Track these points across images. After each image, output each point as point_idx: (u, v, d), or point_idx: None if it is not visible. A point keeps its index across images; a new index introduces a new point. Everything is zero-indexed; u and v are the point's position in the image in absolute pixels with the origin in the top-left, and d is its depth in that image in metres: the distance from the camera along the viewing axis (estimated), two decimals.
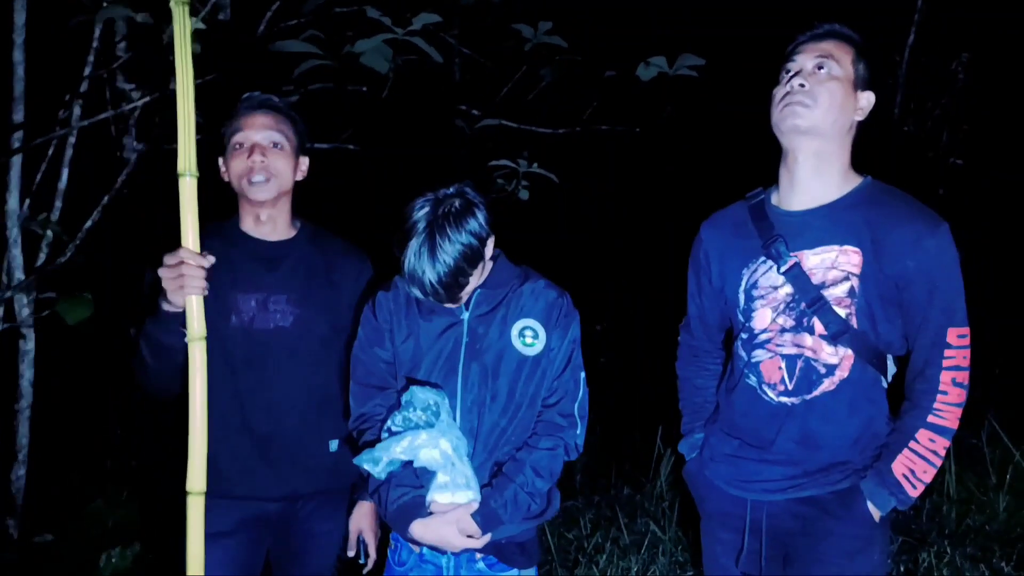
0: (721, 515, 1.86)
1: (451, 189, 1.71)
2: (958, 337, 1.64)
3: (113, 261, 3.34)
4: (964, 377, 1.64)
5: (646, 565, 3.22)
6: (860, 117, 1.72)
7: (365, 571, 2.17)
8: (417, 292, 1.70)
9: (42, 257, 3.01)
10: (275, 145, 1.89)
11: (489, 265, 1.82)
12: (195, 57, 2.60)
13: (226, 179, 1.94)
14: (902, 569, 3.15)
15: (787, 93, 1.69)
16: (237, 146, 1.89)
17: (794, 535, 1.75)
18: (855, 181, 1.73)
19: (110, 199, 2.99)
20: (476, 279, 1.74)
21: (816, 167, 1.71)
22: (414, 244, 1.66)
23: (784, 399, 1.73)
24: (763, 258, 1.76)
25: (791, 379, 1.72)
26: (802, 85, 1.67)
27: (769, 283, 1.75)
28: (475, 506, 1.73)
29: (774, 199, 1.81)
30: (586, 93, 4.52)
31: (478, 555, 1.82)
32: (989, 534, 3.43)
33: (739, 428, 1.82)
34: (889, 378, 1.74)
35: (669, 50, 3.61)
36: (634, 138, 4.52)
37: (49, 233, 2.99)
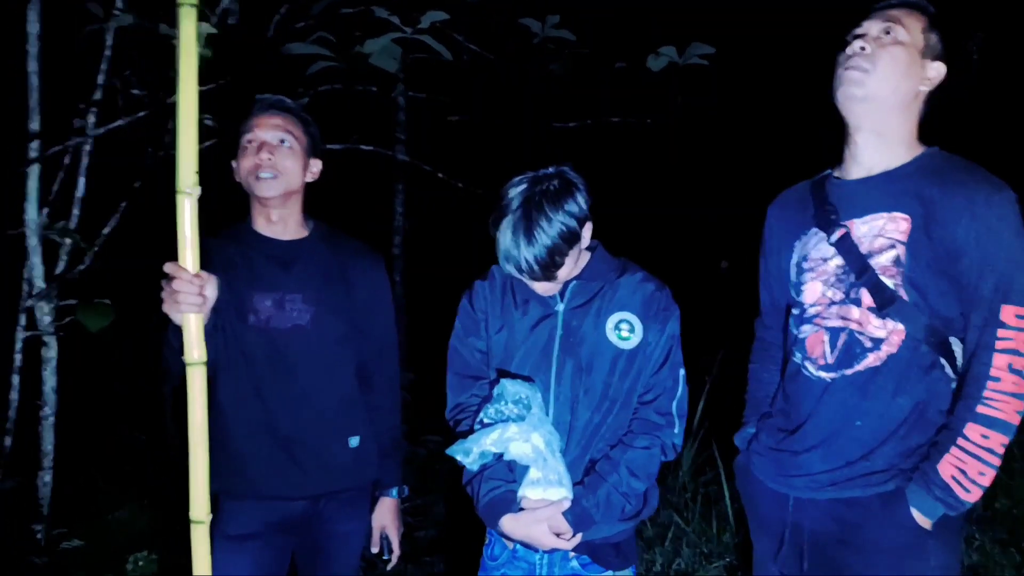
0: (764, 515, 1.78)
1: (550, 169, 1.67)
2: (1016, 317, 1.46)
3: (132, 268, 3.36)
4: (1023, 364, 1.46)
5: (670, 558, 3.21)
6: (927, 87, 1.61)
7: (389, 567, 2.18)
8: (512, 269, 1.66)
9: (61, 265, 3.04)
10: (283, 143, 1.90)
11: (586, 256, 1.79)
12: (206, 61, 2.63)
13: (238, 179, 1.94)
14: None
15: (848, 57, 1.60)
16: (247, 144, 1.90)
17: (832, 542, 1.63)
18: (917, 150, 1.63)
19: (127, 206, 3.01)
20: (572, 263, 1.69)
21: (877, 137, 1.62)
22: (510, 220, 1.62)
23: (823, 374, 1.63)
24: (814, 229, 1.69)
25: (832, 352, 1.62)
26: (863, 48, 1.58)
27: (819, 255, 1.67)
28: (567, 504, 1.68)
29: (837, 173, 1.73)
30: (596, 86, 4.51)
31: (571, 554, 1.78)
32: (1017, 518, 3.39)
33: (783, 409, 1.75)
34: (954, 360, 1.58)
35: (678, 40, 3.59)
36: (646, 129, 4.50)
37: (68, 241, 3.01)
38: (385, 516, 2.12)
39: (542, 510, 1.68)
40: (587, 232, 1.71)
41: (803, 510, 1.66)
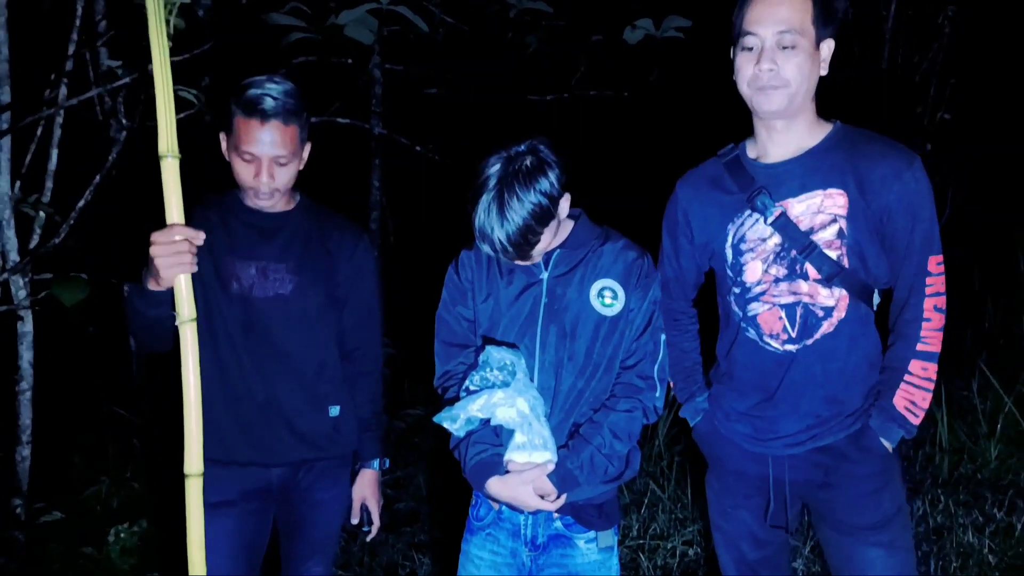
0: (741, 474, 1.87)
1: (523, 146, 1.67)
2: (936, 264, 1.69)
3: (106, 241, 3.33)
4: (943, 303, 1.71)
5: (646, 523, 3.29)
6: (824, 71, 1.72)
7: (369, 538, 2.21)
8: (487, 249, 1.69)
9: (36, 239, 3.01)
10: (281, 162, 1.85)
11: (569, 225, 1.81)
12: (180, 32, 2.60)
13: (227, 158, 1.91)
14: None
15: (756, 78, 1.68)
16: (247, 156, 1.83)
17: (814, 487, 1.79)
18: (826, 127, 1.76)
19: (101, 179, 2.97)
20: (549, 237, 1.71)
21: (789, 123, 1.74)
22: (484, 201, 1.64)
23: (789, 347, 1.76)
24: (748, 211, 1.77)
25: (793, 327, 1.74)
26: (771, 69, 1.66)
27: (757, 235, 1.76)
28: (551, 467, 1.72)
29: (751, 153, 1.82)
30: (573, 58, 4.50)
31: (555, 515, 1.81)
32: (980, 481, 3.51)
33: (744, 381, 1.84)
34: (875, 308, 1.79)
35: (655, 12, 3.60)
36: (622, 102, 4.51)
37: (42, 215, 2.98)
38: (365, 488, 2.14)
39: (527, 472, 1.72)
40: (564, 206, 1.73)
41: (783, 465, 1.81)
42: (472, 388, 1.72)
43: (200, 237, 1.56)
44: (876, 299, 1.77)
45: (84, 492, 3.41)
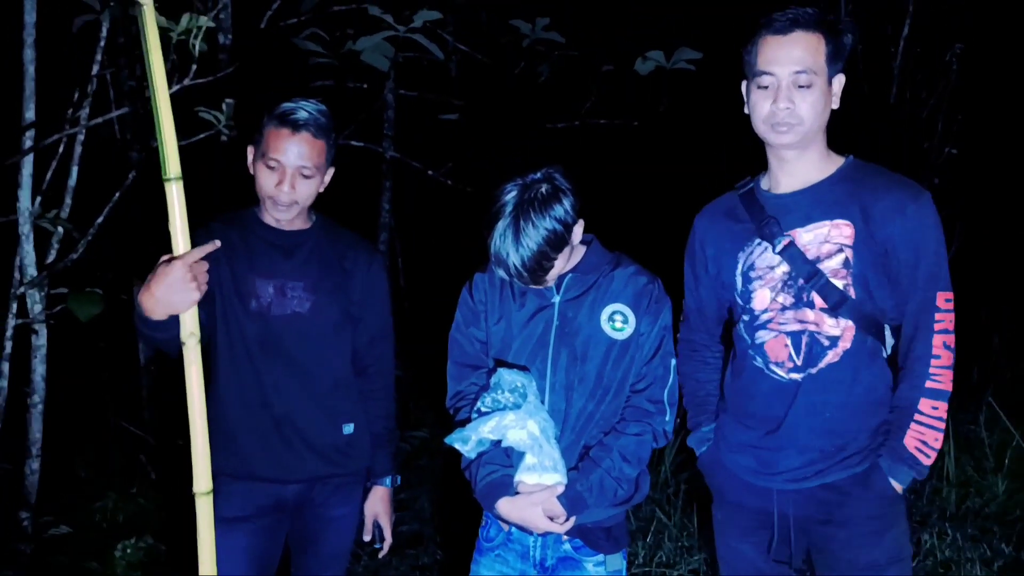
0: (743, 507, 1.88)
1: (539, 174, 1.71)
2: (945, 301, 1.69)
3: (123, 258, 3.37)
4: (952, 340, 1.70)
5: (652, 550, 3.27)
6: (836, 105, 1.75)
7: (381, 555, 2.21)
8: (502, 273, 1.73)
9: (53, 254, 3.05)
10: (306, 174, 1.89)
11: (581, 250, 1.85)
12: (201, 55, 2.66)
13: (251, 171, 1.95)
14: None
15: (772, 114, 1.71)
16: (272, 163, 1.87)
17: (814, 523, 1.78)
18: (838, 160, 1.79)
19: (120, 196, 3.02)
20: (562, 262, 1.75)
21: (800, 154, 1.77)
22: (500, 227, 1.68)
23: (794, 375, 1.76)
24: (758, 240, 1.80)
25: (799, 355, 1.75)
26: (787, 108, 1.70)
27: (765, 264, 1.79)
28: (561, 489, 1.73)
29: (764, 184, 1.86)
30: (584, 88, 4.56)
31: (564, 537, 1.82)
32: (988, 515, 3.49)
33: (749, 412, 1.84)
34: (888, 349, 1.78)
35: (666, 44, 3.66)
36: (632, 132, 4.57)
37: (60, 230, 3.02)
38: (377, 505, 2.15)
39: (537, 494, 1.74)
40: (577, 232, 1.77)
41: (787, 500, 1.80)
42: (483, 410, 1.74)
43: (208, 250, 1.59)
44: (890, 339, 1.77)
45: (91, 506, 3.41)
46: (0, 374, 3.01)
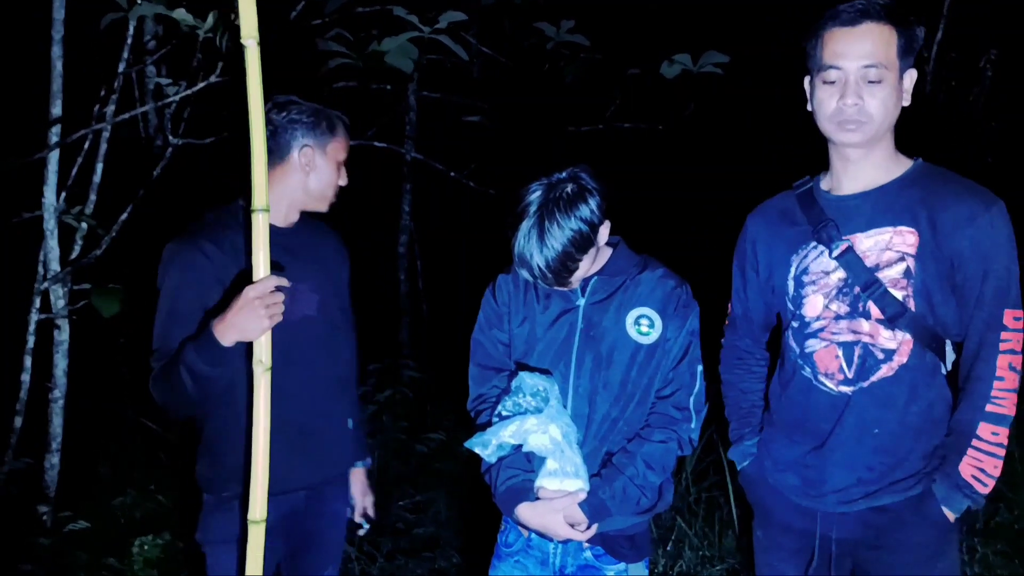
0: (787, 527, 1.80)
1: (565, 174, 1.68)
2: (1014, 319, 1.57)
3: (147, 255, 3.38)
4: (1019, 362, 1.58)
5: (672, 560, 3.23)
6: (907, 102, 1.64)
7: (361, 532, 2.22)
8: (526, 274, 1.70)
9: (77, 250, 3.07)
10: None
11: (607, 252, 1.81)
12: (226, 55, 2.66)
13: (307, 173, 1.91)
14: None
15: (839, 111, 1.61)
16: (338, 163, 1.94)
17: (862, 547, 1.70)
18: (906, 163, 1.68)
19: (145, 193, 3.03)
20: (588, 264, 1.71)
21: (866, 153, 1.66)
22: (524, 227, 1.65)
23: (843, 388, 1.67)
24: (813, 243, 1.71)
25: (850, 367, 1.66)
26: (856, 104, 1.59)
27: (820, 268, 1.69)
28: (583, 495, 1.70)
29: (824, 185, 1.76)
30: (609, 91, 4.54)
31: (585, 545, 1.79)
32: (1019, 531, 3.40)
33: (795, 426, 1.77)
34: (949, 365, 1.67)
35: (693, 47, 3.62)
36: (658, 135, 4.54)
37: (84, 226, 3.04)
38: (357, 487, 2.16)
39: (558, 500, 1.70)
40: (604, 233, 1.73)
41: (831, 522, 1.72)
42: (505, 414, 1.71)
43: (285, 284, 1.59)
44: (951, 355, 1.66)
45: (110, 502, 3.42)
46: (23, 369, 3.03)
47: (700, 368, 1.80)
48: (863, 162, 1.67)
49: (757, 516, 1.90)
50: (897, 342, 1.62)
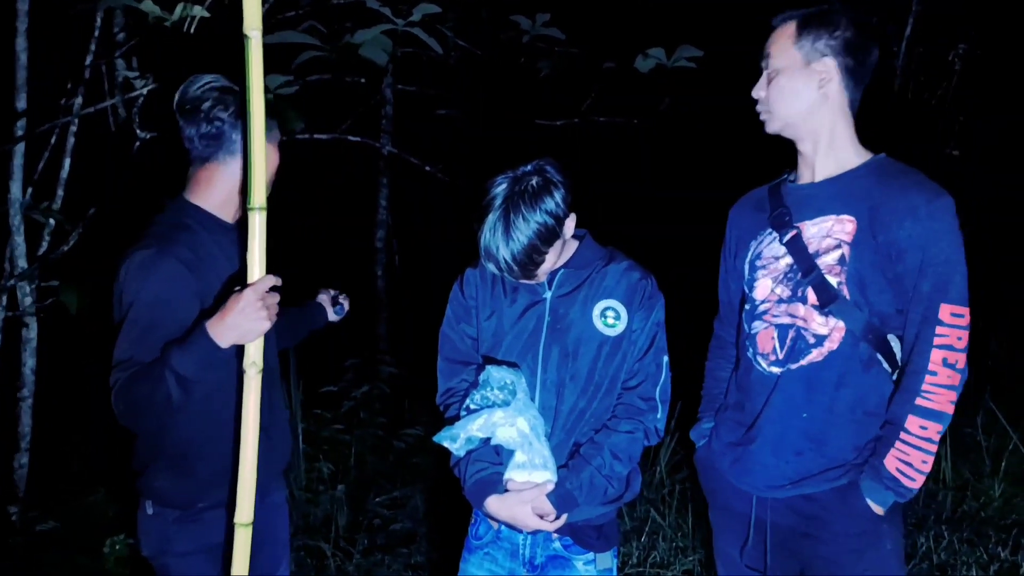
0: (730, 509, 1.85)
1: (530, 167, 1.69)
2: (952, 315, 1.56)
3: (116, 250, 3.34)
4: (957, 359, 1.56)
5: (646, 551, 3.25)
6: (826, 87, 1.68)
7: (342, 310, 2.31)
8: (492, 268, 1.70)
9: (44, 246, 3.02)
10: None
11: (574, 245, 1.82)
12: (190, 44, 2.62)
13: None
14: None
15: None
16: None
17: (798, 536, 1.73)
18: (865, 156, 1.72)
19: (113, 188, 2.99)
20: (554, 257, 1.72)
21: (815, 144, 1.72)
22: (490, 220, 1.66)
23: (774, 368, 1.72)
24: (769, 230, 1.77)
25: (782, 348, 1.71)
26: (758, 97, 1.75)
27: (771, 253, 1.76)
28: (551, 487, 1.71)
29: (792, 177, 1.83)
30: (584, 85, 4.53)
31: (554, 536, 1.80)
32: (985, 519, 3.47)
33: (737, 404, 1.83)
34: (894, 359, 1.68)
35: (667, 41, 3.63)
36: (633, 130, 4.54)
37: (51, 222, 2.99)
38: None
39: (526, 491, 1.71)
40: (569, 226, 1.74)
41: (765, 507, 1.75)
42: (472, 407, 1.72)
43: (277, 281, 1.55)
44: (896, 349, 1.66)
45: (80, 501, 3.38)
46: None
47: (666, 359, 1.82)
48: (814, 156, 1.73)
49: (708, 499, 1.94)
50: (829, 328, 1.65)
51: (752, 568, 1.81)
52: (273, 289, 1.56)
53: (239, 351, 1.57)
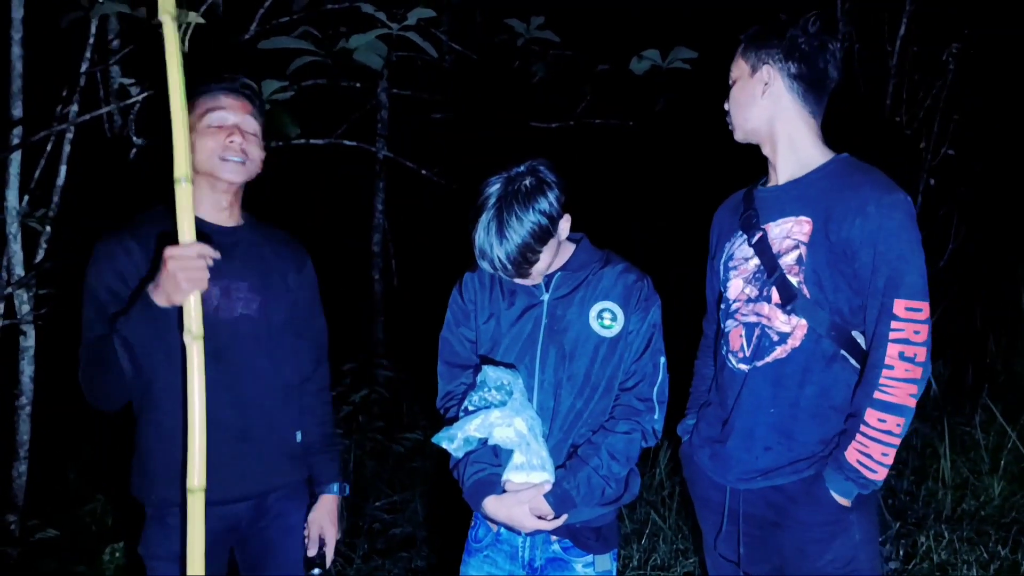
0: (708, 501, 1.90)
1: (523, 167, 1.71)
2: (906, 310, 1.59)
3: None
4: (915, 352, 1.59)
5: (647, 553, 3.25)
6: (767, 92, 1.75)
7: (317, 573, 1.99)
8: (487, 267, 1.72)
9: (41, 253, 3.01)
10: (251, 133, 1.85)
11: (570, 248, 1.84)
12: (186, 54, 2.62)
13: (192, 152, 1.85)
14: (901, 553, 3.19)
15: None
16: (212, 127, 1.81)
17: (768, 525, 1.78)
18: (827, 156, 1.77)
19: (109, 195, 2.99)
20: (549, 257, 1.74)
21: (774, 147, 1.80)
22: (484, 220, 1.68)
23: (742, 366, 1.78)
24: (739, 231, 1.84)
25: (748, 346, 1.77)
26: (726, 109, 1.85)
27: (742, 255, 1.82)
28: (548, 487, 1.72)
29: (764, 180, 1.90)
30: (579, 87, 4.54)
31: (553, 538, 1.81)
32: (984, 518, 3.48)
33: (714, 400, 1.90)
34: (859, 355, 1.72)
35: (662, 43, 3.64)
36: (628, 132, 4.55)
37: (48, 229, 2.99)
38: (324, 516, 2.01)
39: (524, 492, 1.73)
40: (564, 227, 1.76)
41: (738, 498, 1.80)
42: (470, 408, 1.73)
43: (214, 256, 1.51)
44: (863, 344, 1.69)
45: (79, 510, 3.37)
46: None
47: (663, 360, 1.84)
48: (775, 158, 1.80)
49: (690, 492, 1.99)
50: (791, 326, 1.70)
51: (725, 558, 1.86)
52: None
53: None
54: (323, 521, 2.01)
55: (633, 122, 4.63)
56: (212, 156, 1.80)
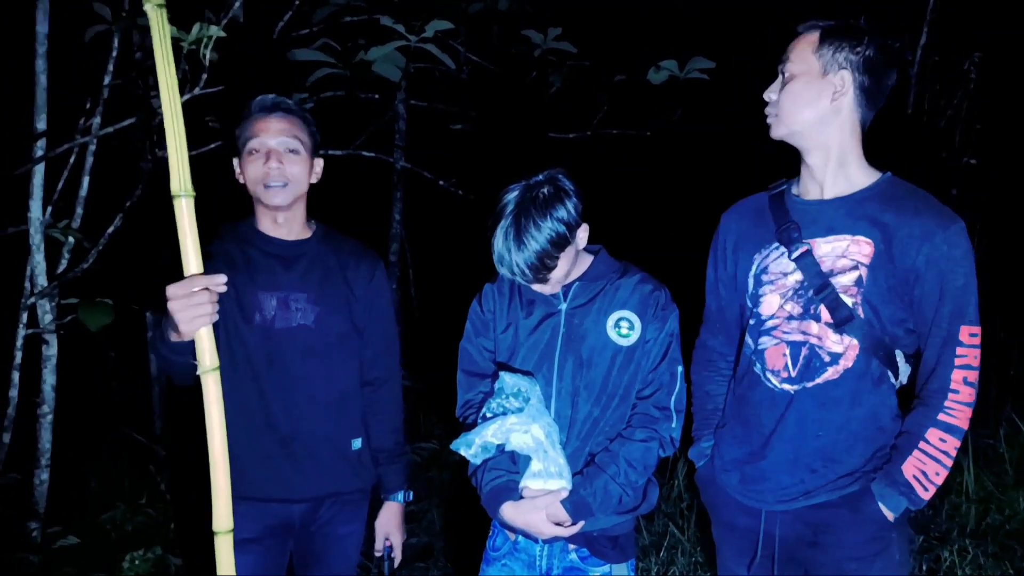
0: (734, 527, 1.85)
1: (542, 176, 1.73)
2: (970, 336, 1.61)
3: (134, 268, 3.37)
4: (975, 377, 1.62)
5: (665, 566, 3.22)
6: (840, 98, 1.67)
7: (388, 571, 2.14)
8: (505, 272, 1.73)
9: (64, 264, 3.05)
10: (291, 151, 1.88)
11: (588, 259, 1.86)
12: (212, 65, 2.66)
13: (241, 181, 1.93)
14: (924, 568, 3.14)
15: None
16: (253, 152, 1.87)
17: (803, 545, 1.73)
18: (874, 175, 1.72)
19: (131, 206, 3.02)
20: (566, 265, 1.75)
21: (825, 158, 1.71)
22: (502, 226, 1.69)
23: (786, 386, 1.72)
24: (775, 244, 1.76)
25: (795, 366, 1.71)
26: (767, 101, 1.74)
27: (779, 269, 1.75)
28: (565, 494, 1.73)
29: (795, 190, 1.81)
30: (596, 98, 4.54)
31: (571, 546, 1.82)
32: (1009, 532, 3.41)
33: (742, 419, 1.82)
34: (904, 379, 1.71)
35: (679, 53, 3.64)
36: (645, 142, 4.54)
37: (71, 240, 3.03)
38: (389, 521, 2.11)
39: (541, 498, 1.73)
40: (582, 236, 1.77)
41: (774, 520, 1.76)
42: (488, 415, 1.74)
43: (220, 281, 1.47)
44: (905, 368, 1.70)
45: (100, 517, 3.40)
46: (10, 384, 3.01)
47: (680, 369, 1.84)
48: (823, 171, 1.72)
49: (711, 516, 1.94)
50: (844, 346, 1.67)
51: None
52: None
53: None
54: (389, 527, 2.11)
55: (650, 132, 4.62)
56: (256, 184, 1.88)
